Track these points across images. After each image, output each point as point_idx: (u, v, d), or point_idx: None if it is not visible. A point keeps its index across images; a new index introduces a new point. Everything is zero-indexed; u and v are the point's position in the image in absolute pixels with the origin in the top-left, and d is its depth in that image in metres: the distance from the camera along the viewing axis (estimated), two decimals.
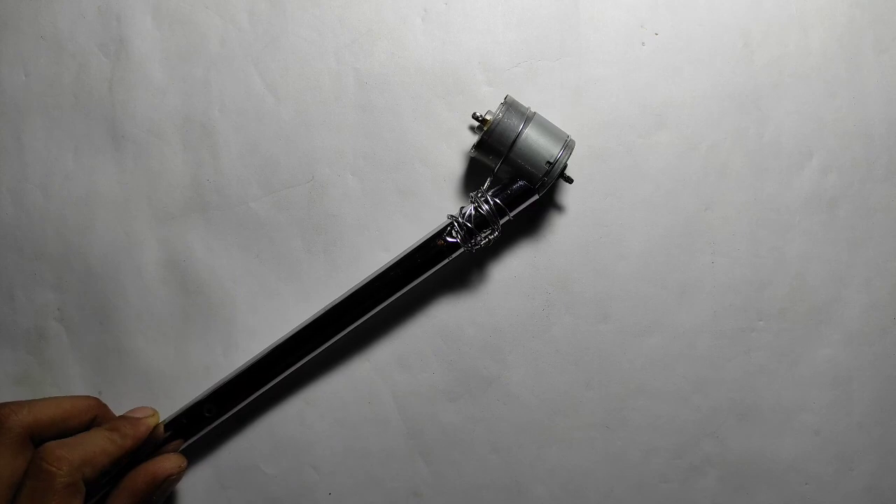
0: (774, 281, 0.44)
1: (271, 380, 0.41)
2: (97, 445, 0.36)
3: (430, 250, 0.40)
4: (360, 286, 0.41)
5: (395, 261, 0.41)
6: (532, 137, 0.39)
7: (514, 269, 0.44)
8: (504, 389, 0.43)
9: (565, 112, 0.44)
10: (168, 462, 0.38)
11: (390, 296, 0.41)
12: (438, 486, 0.42)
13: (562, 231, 0.44)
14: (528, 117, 0.39)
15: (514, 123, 0.39)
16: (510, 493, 0.42)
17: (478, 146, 0.40)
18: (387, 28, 0.45)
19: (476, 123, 0.41)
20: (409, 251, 0.41)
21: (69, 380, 0.43)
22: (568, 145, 0.39)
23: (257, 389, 0.41)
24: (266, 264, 0.44)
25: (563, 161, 0.39)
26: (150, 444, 0.39)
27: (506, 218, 0.40)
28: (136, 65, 0.45)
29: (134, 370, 0.43)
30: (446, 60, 0.44)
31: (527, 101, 0.41)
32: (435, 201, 0.44)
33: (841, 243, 0.44)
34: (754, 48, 0.45)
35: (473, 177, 0.44)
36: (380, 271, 0.41)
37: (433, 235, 0.41)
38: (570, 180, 0.41)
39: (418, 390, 0.43)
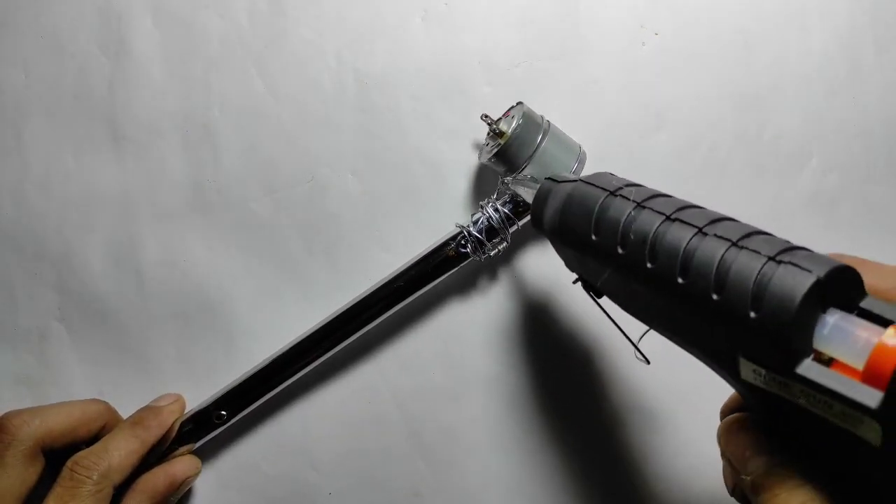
0: None
1: (280, 384, 0.41)
2: (123, 448, 0.37)
3: (439, 259, 0.40)
4: (368, 293, 0.40)
5: (403, 268, 0.40)
6: (549, 152, 0.39)
7: (514, 268, 0.44)
8: (504, 389, 0.43)
9: (565, 112, 0.44)
10: (184, 464, 0.39)
11: (398, 303, 0.40)
12: (438, 486, 0.42)
13: None
14: (544, 129, 0.39)
15: (532, 137, 0.38)
16: (510, 493, 0.42)
17: (496, 156, 0.39)
18: (387, 28, 0.45)
19: (489, 131, 0.40)
20: (417, 259, 0.40)
21: (70, 380, 0.43)
22: (581, 159, 0.39)
23: (267, 393, 0.41)
24: (266, 264, 0.44)
25: (578, 175, 0.39)
26: (164, 447, 0.40)
27: (515, 227, 0.40)
28: (136, 65, 0.45)
29: (134, 370, 0.43)
30: (446, 60, 0.44)
31: (527, 101, 0.41)
32: (435, 201, 0.44)
33: (841, 243, 0.44)
34: (754, 48, 0.45)
35: (474, 177, 0.44)
36: (388, 279, 0.40)
37: (442, 244, 0.40)
38: None
39: (418, 390, 0.43)
